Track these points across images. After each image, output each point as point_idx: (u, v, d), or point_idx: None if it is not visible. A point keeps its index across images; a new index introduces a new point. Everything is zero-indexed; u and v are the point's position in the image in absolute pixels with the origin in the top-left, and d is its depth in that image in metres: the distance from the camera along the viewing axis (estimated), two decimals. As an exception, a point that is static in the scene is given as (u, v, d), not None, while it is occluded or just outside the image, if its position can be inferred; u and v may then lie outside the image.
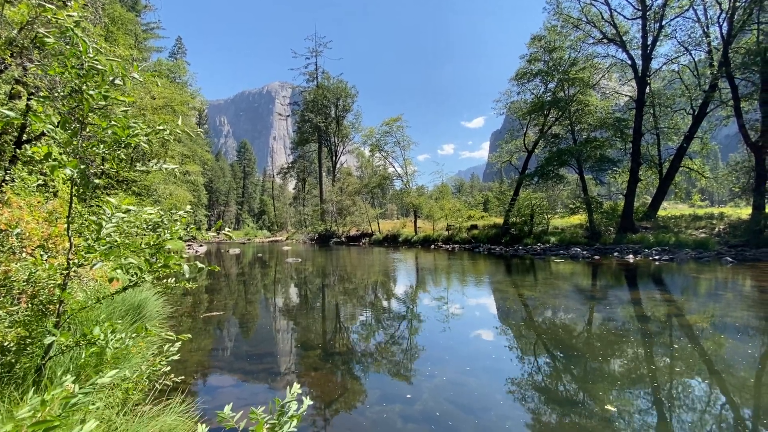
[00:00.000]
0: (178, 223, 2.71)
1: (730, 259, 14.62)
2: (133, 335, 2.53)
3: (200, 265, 2.78)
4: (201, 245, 37.83)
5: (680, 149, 22.52)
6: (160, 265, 2.71)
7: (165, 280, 3.34)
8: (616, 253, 18.04)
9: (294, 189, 69.97)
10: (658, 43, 21.63)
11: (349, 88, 50.13)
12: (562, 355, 5.54)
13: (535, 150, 27.45)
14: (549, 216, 25.29)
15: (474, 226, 29.27)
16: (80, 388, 1.50)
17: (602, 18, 22.69)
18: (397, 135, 36.50)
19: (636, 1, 21.48)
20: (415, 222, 35.11)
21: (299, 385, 1.56)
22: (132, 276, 2.64)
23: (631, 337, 6.21)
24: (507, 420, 3.64)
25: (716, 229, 18.79)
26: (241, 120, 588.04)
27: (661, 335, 6.30)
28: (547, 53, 24.48)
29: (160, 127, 2.36)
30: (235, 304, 9.52)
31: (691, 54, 21.89)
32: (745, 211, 20.81)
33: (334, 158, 51.78)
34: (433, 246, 28.49)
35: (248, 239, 55.01)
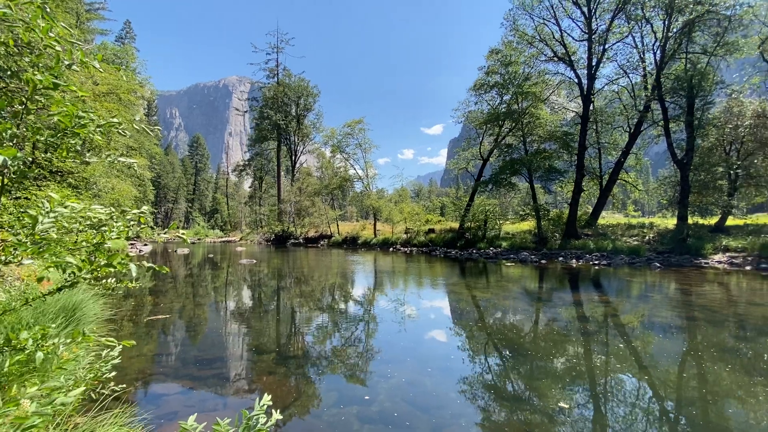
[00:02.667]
0: (131, 223, 2.54)
1: (658, 265, 16.15)
2: (68, 341, 2.32)
3: (148, 265, 2.61)
4: (145, 244, 35.39)
5: (618, 163, 24.55)
6: (102, 264, 2.50)
7: (104, 281, 3.10)
8: (561, 258, 19.27)
9: (250, 187, 67.57)
10: (601, 65, 23.51)
11: (311, 87, 49.41)
12: (511, 354, 5.82)
13: (490, 158, 28.65)
14: (501, 222, 26.49)
15: (431, 230, 29.94)
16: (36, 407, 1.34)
17: (554, 37, 24.25)
18: (359, 137, 36.55)
19: (583, 25, 23.21)
20: (375, 225, 35.25)
21: (269, 397, 1.51)
22: (69, 276, 2.42)
23: (572, 336, 6.67)
24: (461, 418, 3.77)
25: (647, 237, 20.68)
26: (194, 113, 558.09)
27: (599, 334, 6.82)
28: (503, 66, 25.69)
29: (115, 120, 2.20)
30: (182, 306, 9.01)
31: (629, 76, 24.03)
32: (671, 222, 23.07)
33: (293, 157, 50.69)
34: (391, 249, 28.74)
35: (198, 239, 52.26)
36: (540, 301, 9.89)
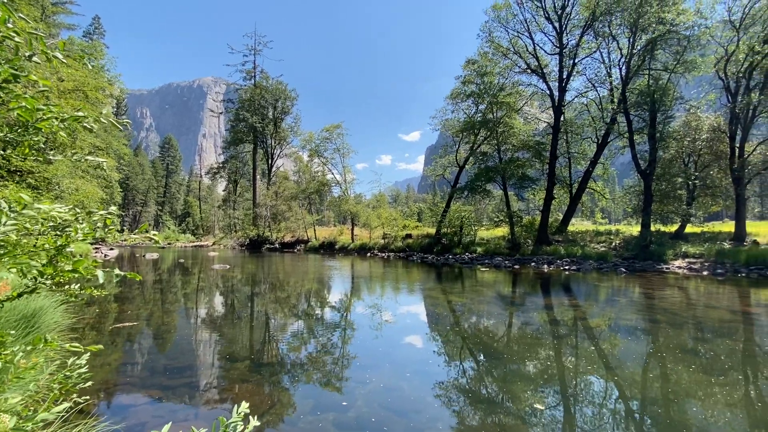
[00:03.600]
0: (98, 224, 2.42)
1: (624, 270, 16.89)
2: (29, 347, 2.19)
3: (117, 271, 2.48)
4: (111, 248, 33.80)
5: (587, 172, 25.60)
6: (67, 269, 2.37)
7: (67, 287, 2.93)
8: (533, 263, 19.82)
9: (224, 191, 65.91)
10: (571, 78, 24.54)
11: (290, 90, 48.93)
12: (486, 358, 5.93)
13: (466, 166, 29.23)
14: (476, 228, 27.01)
15: (409, 236, 30.13)
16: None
17: (527, 50, 25.13)
18: (337, 142, 36.44)
19: (555, 39, 24.19)
20: (352, 230, 35.13)
21: (246, 404, 1.47)
22: (30, 281, 2.29)
23: (545, 339, 6.86)
24: (438, 421, 3.80)
25: (613, 244, 21.59)
26: (166, 113, 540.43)
27: (570, 337, 7.05)
28: (479, 77, 26.36)
29: (80, 114, 2.10)
30: (150, 313, 8.66)
31: (597, 90, 25.19)
32: (635, 229, 24.19)
33: (270, 161, 49.90)
34: (369, 254, 28.70)
35: (169, 243, 50.41)
36: (513, 306, 10.12)
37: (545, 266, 18.88)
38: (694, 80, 22.04)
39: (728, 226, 23.31)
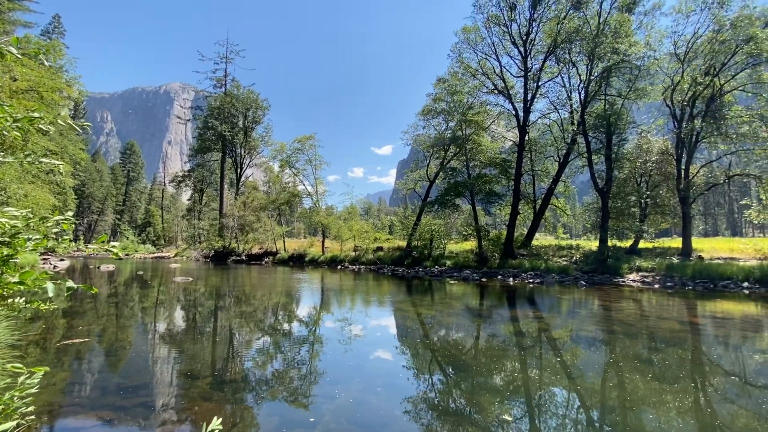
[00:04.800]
0: (53, 232, 2.28)
1: (584, 283, 17.67)
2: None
3: (70, 283, 2.32)
4: (62, 259, 31.55)
5: (549, 189, 26.80)
6: (13, 281, 2.21)
7: (11, 301, 2.72)
8: (500, 276, 20.34)
9: (189, 200, 63.45)
10: (535, 100, 25.85)
11: (261, 100, 48.33)
12: (454, 370, 5.99)
13: (436, 180, 29.84)
14: (446, 241, 27.46)
15: (380, 248, 30.15)
16: None
17: (495, 72, 26.29)
18: (310, 153, 36.20)
19: (520, 62, 25.48)
20: (323, 242, 34.72)
21: (218, 420, 1.42)
22: (-30, 294, 2.12)
23: (511, 351, 7.03)
24: (404, 436, 3.78)
25: (574, 258, 22.59)
26: (129, 119, 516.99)
27: (534, 348, 7.27)
28: (449, 95, 27.23)
29: (36, 114, 1.99)
30: (103, 329, 8.12)
31: (558, 112, 26.64)
32: (594, 244, 25.44)
33: (239, 170, 48.71)
34: (339, 266, 28.41)
35: (127, 255, 47.69)
36: (481, 318, 10.32)
37: (511, 279, 19.42)
38: (645, 106, 23.82)
39: (676, 242, 25.02)
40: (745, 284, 15.03)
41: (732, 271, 15.91)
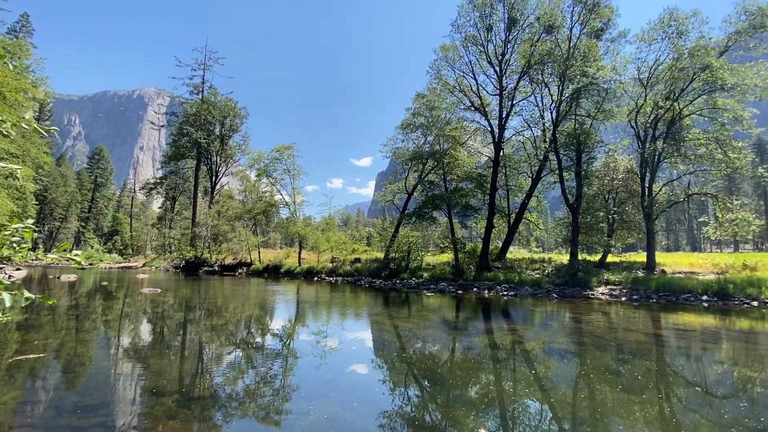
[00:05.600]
0: (13, 239, 2.16)
1: (555, 296, 18.13)
2: None
3: (28, 294, 2.18)
4: (18, 268, 29.63)
5: (523, 204, 27.57)
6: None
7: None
8: (475, 289, 20.59)
9: (160, 208, 61.29)
10: (510, 117, 26.74)
11: (240, 108, 47.69)
12: (430, 383, 5.98)
13: (415, 193, 30.14)
14: (423, 253, 27.61)
15: (357, 260, 29.96)
16: None
17: (471, 90, 27.08)
18: (288, 163, 35.83)
19: (496, 81, 26.38)
20: (300, 253, 34.18)
21: None
22: None
23: (485, 363, 7.09)
24: (378, 452, 3.72)
25: (546, 271, 23.18)
26: (99, 122, 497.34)
27: (508, 361, 7.36)
28: (428, 110, 27.78)
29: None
30: (61, 344, 7.65)
31: (532, 130, 27.63)
32: (565, 258, 26.20)
33: (214, 178, 47.56)
34: (316, 278, 28.00)
35: (90, 264, 45.37)
36: (457, 330, 10.38)
37: (486, 291, 19.69)
38: (612, 127, 25.07)
39: (641, 257, 26.14)
40: (704, 297, 15.83)
41: (692, 284, 16.75)
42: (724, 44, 19.72)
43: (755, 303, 14.64)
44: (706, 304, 15.04)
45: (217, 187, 48.29)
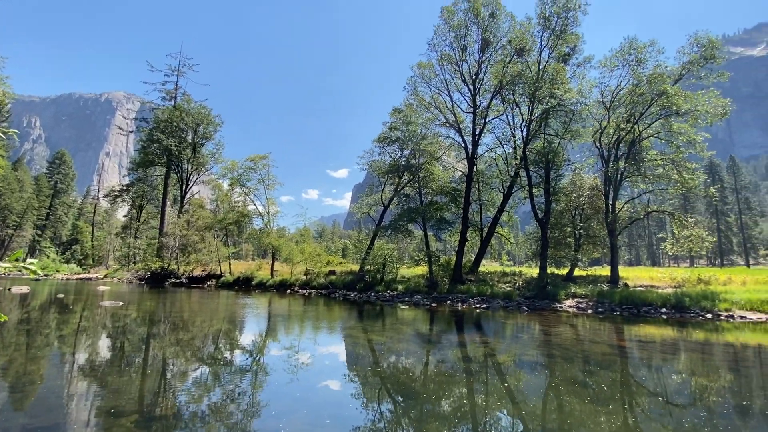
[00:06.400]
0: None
1: (526, 308, 18.55)
2: None
3: None
4: (-40, 280, 27.37)
5: (495, 218, 28.29)
6: None
7: None
8: (449, 301, 20.77)
9: (125, 216, 58.58)
10: (483, 135, 27.60)
11: (214, 115, 46.69)
12: (403, 398, 5.94)
13: (390, 206, 30.34)
14: (398, 266, 27.67)
15: (332, 272, 29.61)
16: None
17: (446, 107, 27.84)
18: (263, 173, 35.26)
19: (470, 99, 27.25)
20: (273, 264, 33.42)
21: None
22: None
23: (458, 377, 7.13)
24: (349, 470, 3.65)
25: (517, 284, 23.73)
26: (62, 126, 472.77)
27: (481, 374, 7.44)
28: (404, 125, 28.27)
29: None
30: (9, 361, 7.10)
31: (503, 147, 28.58)
32: (535, 271, 26.93)
33: (184, 187, 46.04)
34: (289, 291, 27.41)
35: (45, 275, 42.57)
36: (430, 343, 10.41)
37: (459, 304, 19.90)
38: (578, 146, 26.33)
39: (606, 270, 27.25)
40: (663, 310, 16.65)
41: (652, 298, 17.60)
42: (678, 72, 21.26)
43: (709, 315, 15.53)
44: (665, 317, 15.81)
45: (188, 195, 46.76)
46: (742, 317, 15.03)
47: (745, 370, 8.05)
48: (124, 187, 52.06)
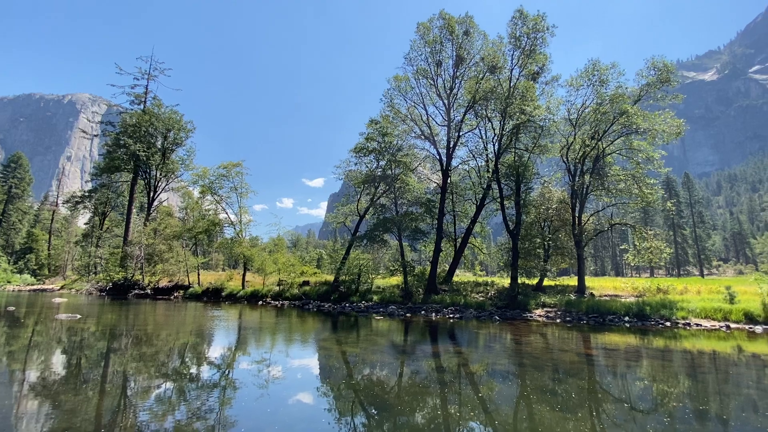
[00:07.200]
0: None
1: (498, 318, 18.89)
2: None
3: None
4: None
5: (468, 229, 28.83)
6: None
7: None
8: (423, 312, 20.86)
9: (87, 224, 55.59)
10: (456, 147, 28.25)
11: (185, 121, 45.38)
12: (377, 410, 5.89)
13: (366, 216, 30.33)
14: (373, 276, 27.57)
15: (306, 282, 29.12)
16: None
17: (422, 119, 28.37)
18: (236, 180, 34.41)
19: (444, 113, 27.91)
20: (244, 275, 32.49)
21: None
22: None
23: (432, 387, 7.15)
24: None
25: (489, 294, 24.16)
26: (19, 128, 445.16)
27: (454, 384, 7.49)
28: (381, 136, 28.53)
29: None
30: (-51, 382, 6.53)
31: (476, 160, 29.32)
32: (507, 281, 27.52)
33: (152, 194, 44.25)
34: (261, 302, 26.70)
35: (-8, 286, 39.57)
36: (405, 354, 10.40)
37: (434, 314, 20.02)
38: (546, 161, 27.41)
39: (573, 280, 28.23)
40: (626, 318, 17.39)
41: (616, 307, 18.36)
42: (637, 94, 22.64)
43: (668, 323, 16.35)
44: (628, 325, 16.51)
45: (155, 203, 44.99)
46: (697, 325, 15.91)
47: (701, 375, 8.50)
48: (87, 193, 49.55)
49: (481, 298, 22.65)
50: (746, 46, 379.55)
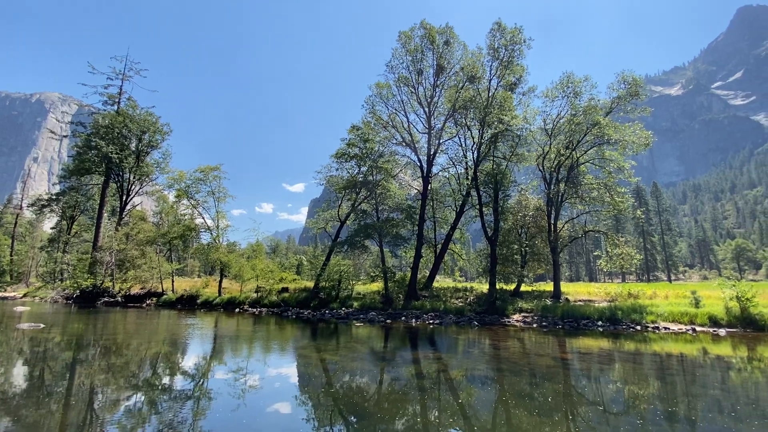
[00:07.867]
0: None
1: (477, 323, 19.12)
2: None
3: None
4: None
5: (448, 236, 29.17)
6: None
7: None
8: (403, 318, 20.87)
9: (54, 229, 53.06)
10: (437, 155, 28.66)
11: (162, 124, 44.13)
12: (357, 419, 5.85)
13: (347, 221, 30.22)
14: (354, 282, 27.42)
15: (285, 289, 28.66)
16: None
17: (403, 126, 28.66)
18: (213, 185, 33.64)
19: (425, 120, 28.29)
20: (221, 281, 31.69)
21: None
22: None
23: (411, 394, 7.16)
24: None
25: (469, 299, 24.45)
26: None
27: (433, 390, 7.52)
28: (362, 142, 28.61)
29: None
30: None
31: (456, 167, 29.79)
32: (485, 286, 27.93)
33: (124, 197, 42.66)
34: (238, 309, 26.08)
35: (-54, 294, 37.11)
36: (385, 361, 10.37)
37: (414, 320, 20.07)
38: (523, 169, 28.13)
39: (549, 286, 28.93)
40: (600, 323, 17.93)
41: (590, 311, 18.91)
42: (609, 106, 23.60)
43: (639, 327, 16.94)
44: (601, 329, 17.01)
45: (128, 207, 43.42)
46: (666, 328, 16.56)
47: (670, 377, 8.84)
48: (54, 196, 47.34)
49: (461, 304, 22.87)
50: (709, 63, 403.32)
